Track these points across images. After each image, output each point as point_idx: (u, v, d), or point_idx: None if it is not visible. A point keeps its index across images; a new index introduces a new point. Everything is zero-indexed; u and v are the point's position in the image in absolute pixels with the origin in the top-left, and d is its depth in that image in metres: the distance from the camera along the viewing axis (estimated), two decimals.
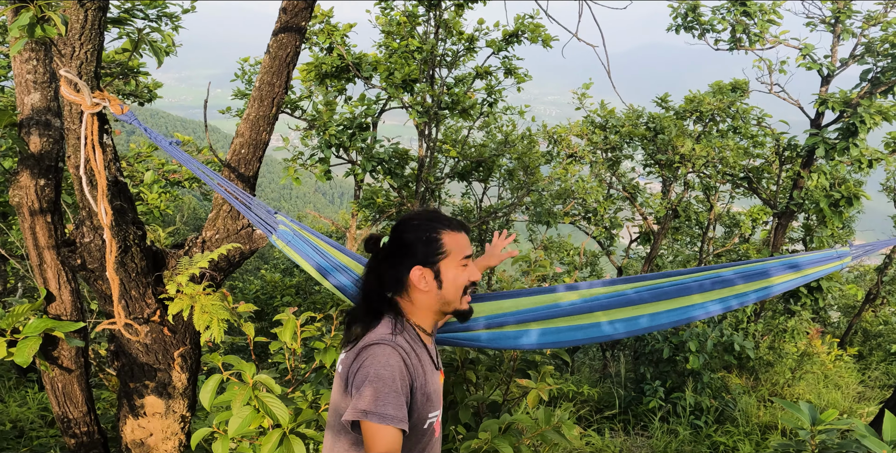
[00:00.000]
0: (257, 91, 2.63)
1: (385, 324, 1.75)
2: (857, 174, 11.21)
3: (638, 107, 10.01)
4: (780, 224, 10.62)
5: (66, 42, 1.86)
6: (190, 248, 2.62)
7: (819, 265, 2.56)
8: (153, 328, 2.42)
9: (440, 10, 7.72)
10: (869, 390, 9.77)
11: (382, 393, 1.56)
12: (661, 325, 2.36)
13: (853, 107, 9.27)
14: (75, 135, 2.02)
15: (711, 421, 7.12)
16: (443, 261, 1.75)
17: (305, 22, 2.60)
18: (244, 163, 2.68)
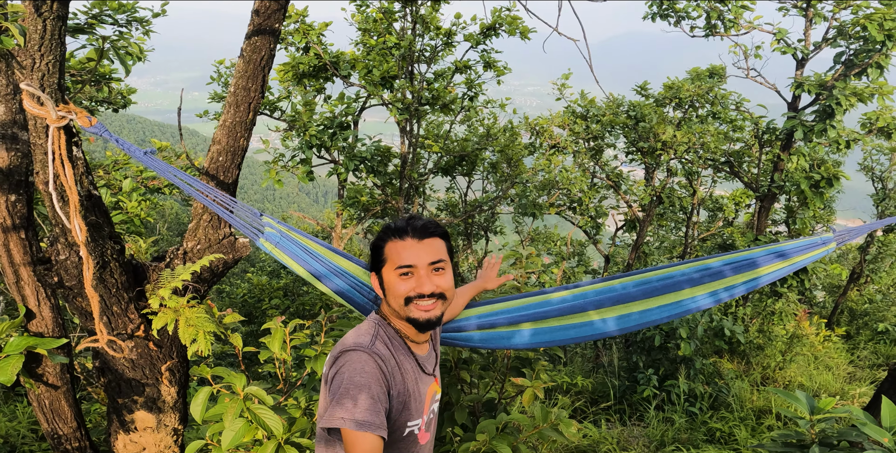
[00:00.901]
0: (232, 96, 2.57)
1: (368, 327, 1.77)
2: (835, 155, 11.33)
3: (618, 95, 10.02)
4: (763, 207, 10.70)
5: (26, 53, 1.79)
6: (171, 260, 2.57)
7: (805, 252, 2.57)
8: (138, 343, 2.36)
9: (416, 6, 7.64)
10: (859, 370, 9.89)
11: (359, 399, 1.56)
12: (652, 321, 2.37)
13: (829, 89, 9.34)
14: (42, 150, 1.95)
15: (706, 407, 7.16)
16: (383, 269, 1.77)
17: (279, 24, 2.54)
18: (223, 170, 2.62)
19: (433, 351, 1.94)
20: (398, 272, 1.73)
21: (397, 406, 1.69)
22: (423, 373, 1.82)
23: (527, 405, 2.69)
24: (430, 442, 1.91)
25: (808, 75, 9.79)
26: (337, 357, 1.66)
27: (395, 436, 1.72)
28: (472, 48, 7.92)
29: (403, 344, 1.79)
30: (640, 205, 10.20)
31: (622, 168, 10.77)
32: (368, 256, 1.88)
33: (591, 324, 2.31)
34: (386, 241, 1.77)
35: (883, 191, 15.81)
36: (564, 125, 9.53)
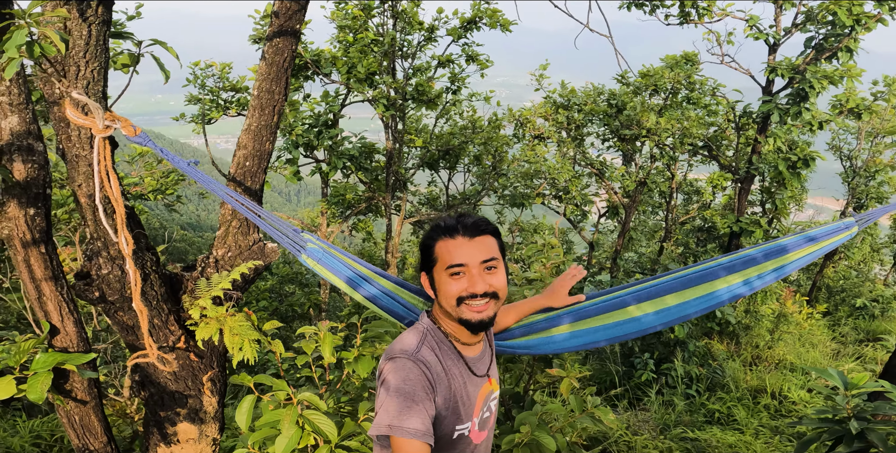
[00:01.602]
0: (257, 100, 2.54)
1: (415, 333, 1.75)
2: (805, 136, 11.59)
3: (598, 84, 10.10)
4: (743, 188, 10.91)
5: (71, 60, 1.74)
6: (204, 269, 2.53)
7: (831, 237, 2.63)
8: (179, 355, 2.33)
9: (396, 2, 7.60)
10: (842, 346, 10.16)
11: (405, 407, 1.56)
12: (689, 314, 2.37)
13: (801, 73, 9.54)
14: (86, 161, 1.91)
15: (703, 389, 7.30)
16: (434, 268, 1.73)
17: (300, 24, 2.51)
18: (250, 175, 2.59)
19: (487, 351, 1.91)
20: (449, 272, 1.68)
21: (444, 411, 1.68)
22: (473, 376, 1.79)
23: (566, 394, 2.72)
24: (487, 439, 1.91)
25: (781, 60, 9.99)
26: (384, 365, 1.67)
27: (445, 440, 1.73)
28: (453, 42, 7.90)
29: (452, 348, 1.76)
30: (625, 192, 10.32)
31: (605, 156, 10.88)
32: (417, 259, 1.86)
33: (633, 321, 2.33)
34: (436, 240, 1.72)
35: (851, 169, 16.24)
36: (547, 115, 9.58)
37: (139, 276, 1.96)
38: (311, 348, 2.63)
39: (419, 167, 9.73)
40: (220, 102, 10.15)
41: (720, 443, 5.43)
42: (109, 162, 1.83)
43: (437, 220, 1.80)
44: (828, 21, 9.49)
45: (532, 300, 2.28)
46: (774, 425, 6.39)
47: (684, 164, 13.19)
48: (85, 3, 1.65)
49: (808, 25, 9.69)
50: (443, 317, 1.77)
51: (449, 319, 1.76)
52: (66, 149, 2.09)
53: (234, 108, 10.20)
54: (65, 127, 2.23)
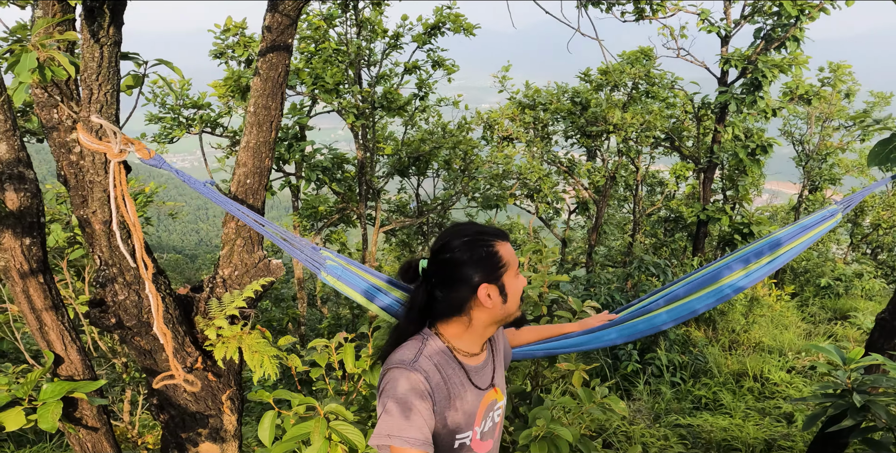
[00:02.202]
0: (253, 116, 2.54)
1: (412, 344, 1.72)
2: (759, 123, 11.98)
3: (562, 83, 10.26)
4: (706, 177, 11.21)
5: (83, 84, 1.72)
6: (213, 289, 2.52)
7: (819, 225, 2.77)
8: (198, 375, 2.31)
9: (359, 11, 7.61)
10: (812, 326, 10.47)
11: (403, 416, 1.58)
12: (698, 310, 2.51)
13: (753, 63, 9.87)
14: (101, 187, 1.89)
15: (688, 376, 7.45)
16: (505, 275, 1.69)
17: (292, 39, 2.52)
18: (251, 193, 2.59)
19: (490, 361, 1.87)
20: (516, 272, 1.72)
21: (444, 421, 1.69)
22: (473, 386, 1.77)
23: (577, 386, 2.78)
24: (493, 449, 1.90)
25: (733, 51, 10.31)
26: (383, 375, 1.67)
27: (446, 449, 1.73)
28: (419, 48, 7.95)
29: (453, 358, 1.74)
30: (594, 187, 10.50)
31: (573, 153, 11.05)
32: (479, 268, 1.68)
33: (646, 321, 2.48)
34: (495, 245, 1.68)
35: (804, 153, 16.81)
36: (514, 116, 9.70)
37: (160, 300, 1.94)
38: (324, 360, 2.63)
39: (390, 175, 9.74)
40: (182, 120, 10.02)
41: (714, 428, 5.56)
42: (125, 186, 1.81)
43: (470, 232, 1.70)
44: (774, 12, 9.85)
45: (560, 327, 2.34)
46: (761, 407, 6.57)
47: (647, 157, 13.49)
48: (97, 25, 1.64)
49: (756, 17, 10.04)
50: (463, 333, 1.74)
51: (473, 334, 1.74)
52: (70, 175, 2.05)
53: (197, 126, 10.07)
54: (66, 153, 2.20)
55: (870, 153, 3.28)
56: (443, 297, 1.69)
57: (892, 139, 3.30)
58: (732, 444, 5.31)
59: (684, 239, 15.80)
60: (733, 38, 10.38)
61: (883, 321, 3.85)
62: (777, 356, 8.28)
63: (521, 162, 9.52)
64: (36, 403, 2.50)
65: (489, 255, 1.67)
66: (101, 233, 1.94)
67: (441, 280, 1.69)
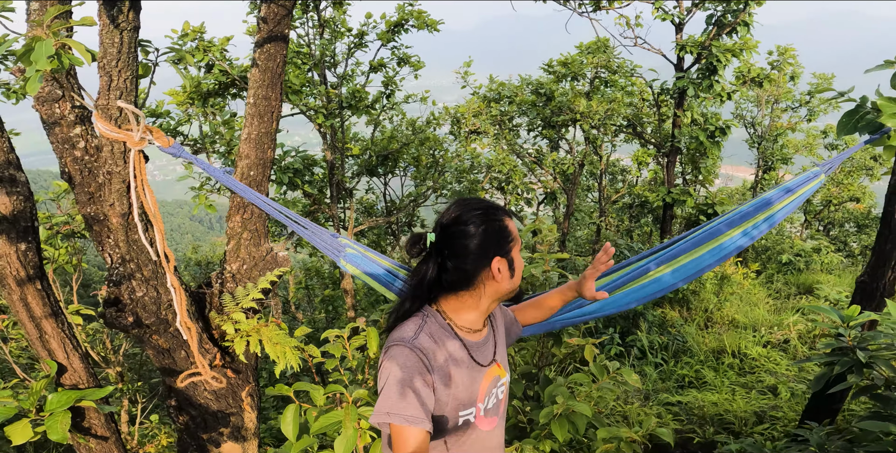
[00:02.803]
0: (254, 107, 2.50)
1: (413, 321, 1.72)
2: (713, 107, 12.29)
3: (525, 75, 10.35)
4: (670, 161, 11.46)
5: (102, 71, 1.67)
6: (223, 284, 2.47)
7: (804, 186, 2.89)
8: (218, 372, 2.27)
9: (320, 11, 7.54)
10: (779, 302, 10.78)
11: (402, 394, 1.58)
12: (704, 268, 2.59)
13: (707, 48, 10.13)
14: (120, 178, 1.83)
15: (669, 356, 7.61)
16: (514, 248, 1.72)
17: (288, 29, 2.49)
18: (256, 185, 2.54)
19: (491, 337, 1.88)
20: (519, 248, 1.74)
21: (445, 397, 1.68)
22: (474, 362, 1.77)
23: (589, 358, 2.83)
24: (498, 428, 1.90)
25: (687, 38, 10.57)
26: (384, 353, 1.67)
27: (450, 426, 1.73)
28: (383, 46, 7.91)
29: (454, 334, 1.74)
30: (563, 176, 10.62)
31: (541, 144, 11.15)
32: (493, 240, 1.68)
33: (655, 282, 2.52)
34: (504, 219, 1.71)
35: (757, 135, 17.33)
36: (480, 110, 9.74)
37: (184, 293, 1.90)
38: (339, 351, 2.61)
39: (360, 175, 9.68)
40: None
41: (705, 403, 5.69)
42: (145, 176, 1.77)
43: (480, 206, 1.70)
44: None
45: (561, 291, 2.17)
46: (743, 382, 6.75)
47: (608, 145, 13.71)
48: (116, 9, 1.59)
49: (707, 3, 10.30)
50: (463, 308, 1.75)
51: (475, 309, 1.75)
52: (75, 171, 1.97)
53: None
54: (69, 148, 2.13)
55: (838, 123, 3.42)
56: (454, 269, 1.68)
57: (857, 110, 3.44)
58: (725, 418, 5.45)
59: (649, 223, 16.12)
60: (687, 25, 10.64)
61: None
62: (751, 332, 8.51)
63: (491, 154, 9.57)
64: (43, 414, 2.43)
65: (501, 229, 1.69)
66: (119, 227, 1.89)
67: (453, 252, 1.68)
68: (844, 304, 9.58)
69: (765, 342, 8.15)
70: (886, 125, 3.30)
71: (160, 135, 1.72)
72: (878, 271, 3.84)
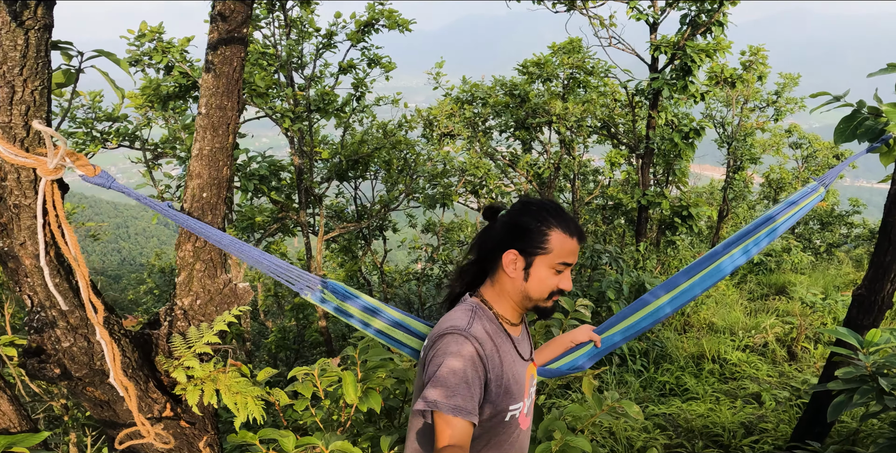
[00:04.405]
0: (206, 119, 2.19)
1: (464, 310, 1.72)
2: (684, 107, 12.24)
3: (499, 76, 10.12)
4: (644, 163, 11.34)
5: (2, 79, 1.36)
6: (173, 323, 2.17)
7: (805, 199, 2.79)
8: (168, 425, 1.96)
9: (287, 11, 7.19)
10: (754, 303, 10.74)
11: (452, 383, 1.55)
12: (697, 293, 2.45)
13: (682, 49, 10.02)
14: (30, 212, 1.52)
15: (649, 363, 7.45)
16: (539, 257, 1.69)
17: (247, 29, 2.20)
18: (209, 208, 2.24)
19: (526, 335, 1.91)
20: (558, 267, 1.69)
21: (496, 390, 1.66)
22: (519, 356, 1.79)
23: (588, 393, 2.61)
24: (529, 427, 1.89)
25: (662, 38, 10.45)
26: (434, 341, 1.64)
27: (497, 420, 1.70)
28: (353, 47, 7.60)
29: (501, 327, 1.75)
30: (539, 179, 10.42)
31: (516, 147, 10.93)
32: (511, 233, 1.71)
33: (651, 314, 2.39)
34: (552, 229, 1.68)
35: (726, 135, 17.40)
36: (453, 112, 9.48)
37: (116, 348, 1.60)
38: (309, 390, 2.32)
39: (329, 180, 9.35)
40: (96, 135, 9.33)
41: (691, 415, 5.52)
42: (61, 211, 1.46)
43: (544, 207, 1.72)
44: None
45: (561, 340, 2.31)
46: (726, 389, 6.61)
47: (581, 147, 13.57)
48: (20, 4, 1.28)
49: (681, 3, 10.19)
50: (498, 297, 1.76)
51: (508, 301, 1.76)
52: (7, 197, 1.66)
53: (114, 140, 9.42)
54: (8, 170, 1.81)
55: (835, 131, 3.26)
56: (487, 244, 1.76)
57: (854, 115, 3.27)
58: (713, 430, 5.28)
59: (623, 225, 16.05)
60: (661, 25, 10.52)
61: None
62: (729, 336, 8.42)
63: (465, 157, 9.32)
64: None
65: (540, 232, 1.68)
66: (33, 270, 1.57)
67: (495, 229, 1.75)
68: (820, 307, 9.57)
69: (744, 346, 8.06)
70: (890, 132, 3.13)
71: (84, 163, 1.42)
72: (875, 284, 3.68)
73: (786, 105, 17.72)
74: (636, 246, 11.10)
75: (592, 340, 2.36)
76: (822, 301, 9.48)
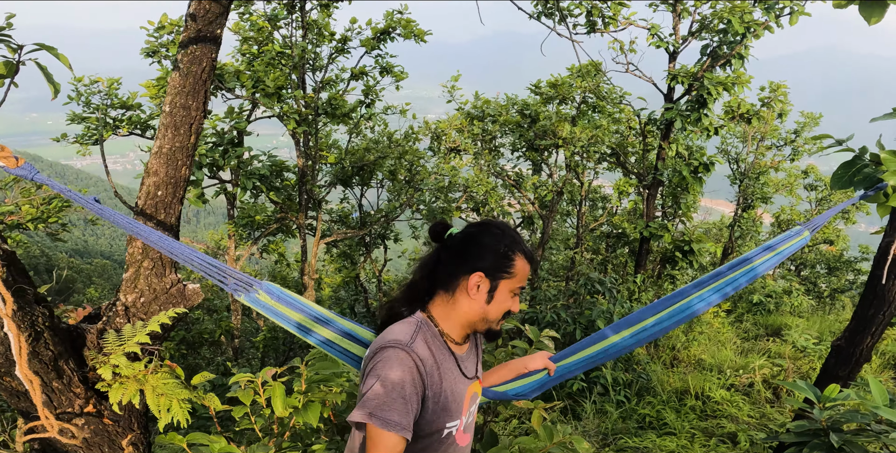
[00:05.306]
0: (169, 117, 2.18)
1: (408, 324, 1.70)
2: (699, 141, 12.15)
3: (512, 95, 10.11)
4: (650, 194, 11.25)
5: None
6: (111, 319, 2.14)
7: (786, 243, 2.73)
8: (89, 420, 1.93)
9: (306, 13, 7.24)
10: (747, 343, 10.59)
11: (389, 397, 1.54)
12: (665, 329, 2.38)
13: (699, 80, 9.94)
14: None
15: (632, 394, 7.34)
16: (504, 281, 1.71)
17: (221, 29, 2.19)
18: (163, 207, 2.22)
19: (473, 352, 1.90)
20: (515, 290, 1.74)
21: (433, 406, 1.65)
22: (461, 374, 1.78)
23: (536, 426, 2.54)
24: (469, 444, 1.88)
25: (680, 67, 10.39)
26: (375, 352, 1.62)
27: (434, 437, 1.69)
28: (366, 53, 7.62)
29: (445, 344, 1.74)
30: (541, 202, 10.36)
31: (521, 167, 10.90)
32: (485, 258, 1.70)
33: (610, 348, 2.35)
34: (516, 254, 1.72)
35: (739, 171, 17.25)
36: (463, 127, 9.47)
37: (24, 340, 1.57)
38: (249, 397, 2.28)
39: (333, 184, 9.35)
40: (109, 121, 9.40)
41: (663, 451, 5.41)
42: None
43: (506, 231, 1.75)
44: (720, 29, 9.96)
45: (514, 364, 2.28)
46: (704, 427, 6.49)
47: (591, 172, 13.50)
48: None
49: (703, 33, 10.13)
50: (447, 316, 1.75)
51: (457, 321, 1.75)
52: None
53: (126, 127, 9.48)
54: None
55: (833, 176, 3.17)
56: (445, 264, 1.73)
57: (854, 161, 3.18)
58: None
59: (626, 254, 15.91)
60: (681, 54, 10.47)
61: (839, 348, 3.75)
62: (716, 374, 8.29)
63: (469, 174, 9.29)
64: None
65: (505, 256, 1.70)
66: None
67: (455, 249, 1.73)
68: (812, 351, 9.40)
69: (729, 385, 7.93)
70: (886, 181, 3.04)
71: (6, 154, 1.40)
72: (856, 336, 3.59)
73: (804, 145, 17.51)
74: (634, 277, 11.00)
75: (547, 368, 2.31)
76: (814, 345, 9.32)
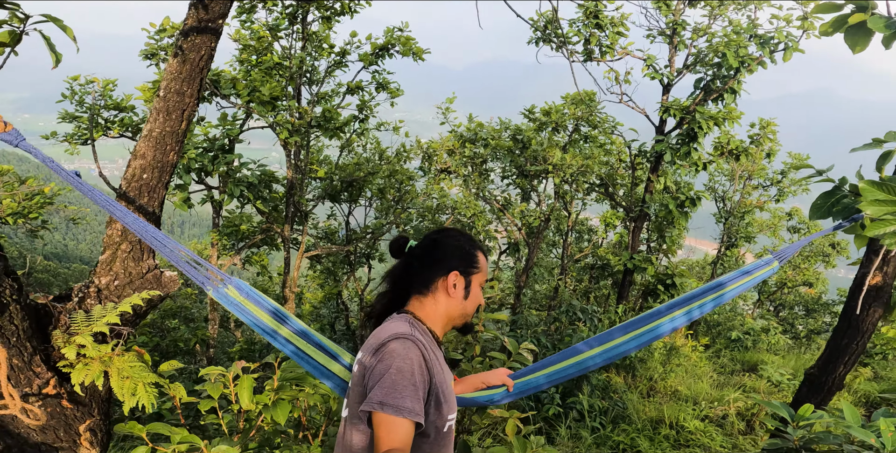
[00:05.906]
0: (162, 102, 2.18)
1: (402, 320, 1.75)
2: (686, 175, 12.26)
3: (505, 119, 10.20)
4: (636, 227, 11.31)
5: None
6: (83, 299, 2.10)
7: (757, 271, 2.78)
8: (47, 402, 1.88)
9: (307, 24, 7.31)
10: (723, 377, 10.59)
11: (400, 385, 1.56)
12: (631, 349, 2.42)
13: (691, 113, 10.08)
14: None
15: (608, 421, 7.30)
16: (475, 276, 1.84)
17: (223, 20, 2.20)
18: (147, 190, 2.20)
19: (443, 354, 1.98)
20: (483, 283, 1.87)
21: (438, 396, 1.67)
22: (448, 369, 1.85)
23: (510, 435, 2.52)
24: None
25: (673, 100, 10.53)
26: (378, 348, 1.64)
27: (439, 431, 1.70)
28: (364, 68, 7.69)
29: (434, 341, 1.80)
30: (528, 229, 10.38)
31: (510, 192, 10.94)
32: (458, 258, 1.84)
33: (578, 364, 2.39)
34: (477, 251, 1.86)
35: (725, 209, 17.40)
36: (454, 149, 9.52)
37: None
38: (218, 391, 2.24)
39: (321, 199, 9.33)
40: (101, 121, 9.36)
41: None
42: None
43: (463, 233, 1.90)
44: (715, 63, 10.13)
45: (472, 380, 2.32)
46: None
47: (579, 203, 13.56)
48: None
49: (698, 67, 10.30)
50: (429, 317, 1.81)
51: (443, 317, 1.83)
52: None
53: (117, 129, 9.44)
54: None
55: (812, 206, 3.21)
56: (418, 270, 1.81)
57: (833, 192, 3.22)
58: None
59: (609, 286, 15.92)
60: (674, 87, 10.63)
61: (812, 376, 3.76)
62: (691, 405, 8.27)
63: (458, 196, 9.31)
64: None
65: (471, 254, 1.84)
66: None
67: (423, 255, 1.83)
68: (786, 386, 9.42)
69: (703, 416, 7.91)
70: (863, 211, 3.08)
71: None
72: (829, 365, 3.61)
73: (790, 186, 17.68)
74: (616, 307, 11.00)
75: (505, 384, 2.35)
76: (788, 380, 9.36)
